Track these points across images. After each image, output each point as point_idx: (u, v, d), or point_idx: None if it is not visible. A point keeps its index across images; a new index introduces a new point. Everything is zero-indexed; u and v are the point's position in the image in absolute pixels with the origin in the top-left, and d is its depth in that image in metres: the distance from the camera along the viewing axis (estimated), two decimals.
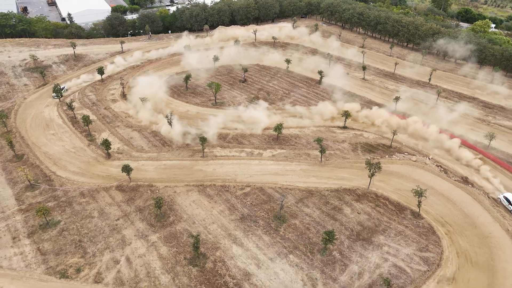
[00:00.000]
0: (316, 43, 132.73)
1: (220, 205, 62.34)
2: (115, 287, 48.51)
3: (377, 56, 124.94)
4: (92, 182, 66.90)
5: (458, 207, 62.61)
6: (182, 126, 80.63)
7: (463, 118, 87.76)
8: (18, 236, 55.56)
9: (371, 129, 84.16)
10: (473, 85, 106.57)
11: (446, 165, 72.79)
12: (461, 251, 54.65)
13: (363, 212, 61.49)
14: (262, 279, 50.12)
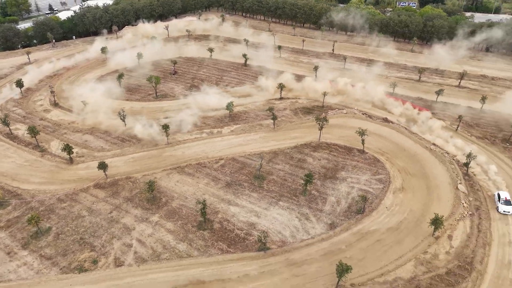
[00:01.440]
0: (229, 33, 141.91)
1: (204, 179, 67.86)
2: (139, 265, 51.30)
3: (284, 37, 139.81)
4: (65, 187, 65.55)
5: (388, 139, 79.02)
6: (139, 120, 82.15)
7: (368, 75, 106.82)
8: (12, 251, 53.17)
9: (302, 96, 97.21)
10: (368, 50, 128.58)
11: (370, 112, 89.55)
12: (401, 169, 70.40)
13: (322, 158, 73.56)
14: (265, 224, 58.13)
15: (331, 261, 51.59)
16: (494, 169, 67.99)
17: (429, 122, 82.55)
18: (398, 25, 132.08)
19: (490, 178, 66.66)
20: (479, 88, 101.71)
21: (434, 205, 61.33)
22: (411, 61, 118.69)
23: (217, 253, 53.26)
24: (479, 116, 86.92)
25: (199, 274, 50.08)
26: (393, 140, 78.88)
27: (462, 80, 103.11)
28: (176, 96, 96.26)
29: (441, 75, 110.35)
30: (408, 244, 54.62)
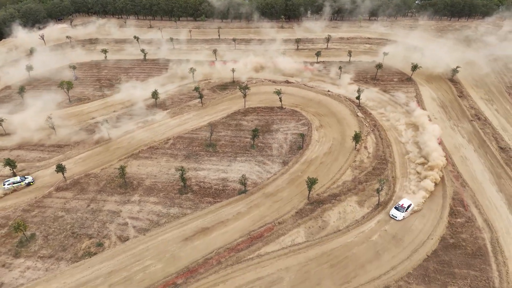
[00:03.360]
0: (114, 34, 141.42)
1: (162, 158, 73.67)
2: (144, 234, 56.15)
3: (170, 31, 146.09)
4: (23, 199, 63.15)
5: (295, 95, 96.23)
6: (67, 125, 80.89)
7: (258, 52, 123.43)
8: (6, 262, 51.46)
9: (213, 77, 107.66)
10: (249, 32, 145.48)
11: (273, 78, 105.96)
12: (314, 113, 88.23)
13: (253, 119, 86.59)
14: (233, 176, 68.43)
15: (295, 185, 65.82)
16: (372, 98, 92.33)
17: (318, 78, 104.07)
18: (265, 7, 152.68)
19: (372, 105, 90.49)
20: (341, 47, 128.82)
21: (347, 130, 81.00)
22: (286, 35, 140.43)
23: (208, 206, 61.71)
24: (349, 66, 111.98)
25: (201, 224, 58.08)
26: (299, 95, 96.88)
27: (328, 43, 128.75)
28: (92, 98, 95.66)
29: (311, 42, 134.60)
30: (341, 160, 72.42)
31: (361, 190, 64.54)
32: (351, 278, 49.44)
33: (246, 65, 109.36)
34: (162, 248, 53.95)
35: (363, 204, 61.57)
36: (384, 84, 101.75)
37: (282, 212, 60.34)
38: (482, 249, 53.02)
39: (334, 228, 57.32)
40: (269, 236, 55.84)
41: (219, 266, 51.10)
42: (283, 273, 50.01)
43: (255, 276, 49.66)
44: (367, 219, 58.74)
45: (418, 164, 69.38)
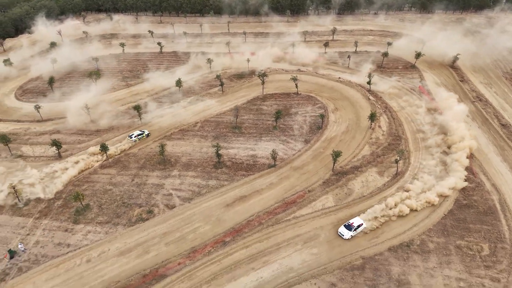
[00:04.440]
0: (128, 29, 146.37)
1: (194, 138, 79.56)
2: (189, 202, 62.04)
3: (181, 26, 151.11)
4: (70, 176, 68.59)
5: (309, 82, 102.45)
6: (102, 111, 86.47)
7: (269, 44, 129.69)
8: (68, 228, 56.99)
9: (230, 67, 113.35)
10: (257, 26, 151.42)
11: (286, 68, 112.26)
12: (328, 97, 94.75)
13: (272, 104, 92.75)
14: (261, 153, 74.62)
15: (319, 160, 72.24)
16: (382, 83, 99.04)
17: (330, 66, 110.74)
18: (272, 2, 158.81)
19: (383, 89, 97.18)
20: (346, 39, 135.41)
21: (360, 112, 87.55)
22: (292, 29, 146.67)
23: (242, 178, 67.81)
24: (356, 56, 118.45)
25: (239, 193, 64.21)
26: (312, 82, 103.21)
27: (334, 35, 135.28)
28: (117, 88, 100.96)
29: (317, 34, 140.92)
30: (358, 137, 78.92)
31: (380, 162, 71.15)
32: (379, 234, 55.90)
33: (261, 56, 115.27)
34: (207, 213, 59.96)
35: (383, 174, 68.14)
36: (390, 71, 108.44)
37: (310, 182, 66.67)
38: (492, 208, 59.89)
39: (359, 194, 63.83)
40: (302, 202, 62.16)
41: (261, 226, 57.28)
42: (318, 230, 56.33)
43: (294, 233, 55.91)
44: (387, 186, 65.32)
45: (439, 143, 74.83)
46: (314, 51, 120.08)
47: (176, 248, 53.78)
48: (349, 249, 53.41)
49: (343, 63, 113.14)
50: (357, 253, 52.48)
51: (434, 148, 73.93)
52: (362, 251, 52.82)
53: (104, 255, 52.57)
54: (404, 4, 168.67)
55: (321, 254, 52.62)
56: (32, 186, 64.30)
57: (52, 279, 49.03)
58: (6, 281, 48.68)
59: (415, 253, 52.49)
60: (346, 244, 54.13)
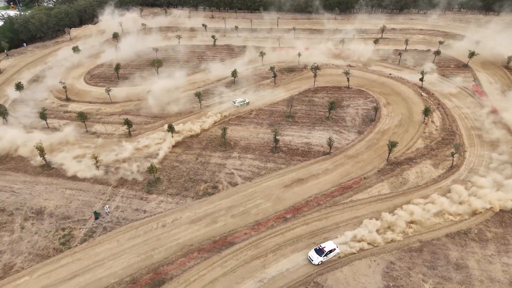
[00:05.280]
0: (183, 23, 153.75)
1: (250, 125, 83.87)
2: (250, 181, 66.25)
3: (232, 21, 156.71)
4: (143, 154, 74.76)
5: (359, 77, 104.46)
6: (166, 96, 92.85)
7: (318, 40, 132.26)
8: (143, 197, 62.75)
9: (280, 61, 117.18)
10: (305, 22, 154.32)
11: (335, 63, 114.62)
12: (380, 92, 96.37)
13: (324, 97, 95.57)
14: (315, 141, 77.73)
15: (373, 150, 74.39)
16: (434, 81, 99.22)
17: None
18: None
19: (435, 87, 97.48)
20: (395, 37, 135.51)
21: (413, 107, 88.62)
22: (340, 26, 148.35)
23: (298, 162, 71.28)
24: (406, 54, 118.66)
25: (296, 176, 67.71)
26: (363, 77, 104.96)
27: (382, 34, 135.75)
28: (176, 76, 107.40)
29: (365, 32, 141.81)
30: (412, 131, 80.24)
31: (434, 155, 72.38)
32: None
33: (312, 51, 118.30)
34: (268, 192, 63.89)
35: (438, 167, 69.41)
36: (442, 70, 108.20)
37: (365, 170, 69.08)
38: None
39: (414, 184, 65.57)
40: (357, 188, 64.75)
41: (319, 207, 60.48)
42: (375, 214, 58.77)
43: (351, 215, 58.70)
44: (443, 178, 66.63)
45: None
46: (363, 48, 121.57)
47: (241, 220, 58.04)
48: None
49: (393, 60, 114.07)
50: (415, 237, 54.53)
51: (503, 144, 73.77)
52: (420, 235, 54.78)
53: (177, 222, 57.67)
54: (455, 4, 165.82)
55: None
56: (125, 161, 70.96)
57: (134, 238, 54.59)
58: (94, 237, 54.75)
59: (473, 241, 53.87)
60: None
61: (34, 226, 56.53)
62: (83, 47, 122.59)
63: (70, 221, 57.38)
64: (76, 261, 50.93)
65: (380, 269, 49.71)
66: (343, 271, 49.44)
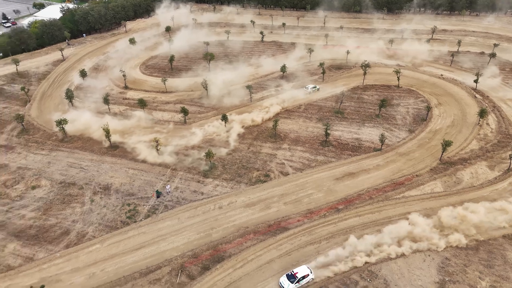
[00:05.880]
0: (232, 20, 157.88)
1: (299, 118, 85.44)
2: (301, 171, 67.92)
3: (279, 19, 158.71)
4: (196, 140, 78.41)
5: (409, 77, 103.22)
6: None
7: (368, 39, 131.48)
8: (199, 180, 66.04)
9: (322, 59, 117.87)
10: (353, 21, 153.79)
11: (383, 61, 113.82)
12: (431, 93, 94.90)
13: (373, 94, 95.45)
14: (365, 137, 78.15)
15: (425, 148, 73.91)
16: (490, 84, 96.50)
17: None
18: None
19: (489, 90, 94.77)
20: (446, 38, 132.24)
21: (466, 108, 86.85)
22: (388, 26, 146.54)
23: (349, 157, 72.13)
24: (459, 55, 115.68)
25: (347, 169, 68.67)
26: (413, 77, 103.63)
27: (433, 34, 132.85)
28: (225, 69, 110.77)
29: (414, 33, 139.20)
30: (465, 132, 78.85)
31: (490, 157, 70.94)
32: None
33: (360, 49, 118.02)
34: (319, 183, 65.30)
35: (493, 168, 68.05)
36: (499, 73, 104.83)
37: (417, 168, 68.87)
38: None
39: (469, 184, 64.74)
40: (410, 184, 64.79)
41: (371, 200, 61.21)
42: (428, 211, 58.72)
43: (404, 210, 58.99)
44: (499, 180, 65.32)
45: None
46: (416, 48, 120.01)
47: (294, 208, 59.86)
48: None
49: (445, 62, 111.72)
50: (471, 236, 54.05)
51: None
52: (476, 235, 54.25)
53: (232, 205, 60.36)
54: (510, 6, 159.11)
55: None
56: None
57: (193, 217, 57.80)
58: (157, 214, 58.46)
59: None
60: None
61: (102, 200, 61.14)
62: (138, 39, 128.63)
63: (134, 198, 61.53)
64: (142, 234, 54.74)
65: (435, 263, 49.93)
66: (397, 263, 50.09)
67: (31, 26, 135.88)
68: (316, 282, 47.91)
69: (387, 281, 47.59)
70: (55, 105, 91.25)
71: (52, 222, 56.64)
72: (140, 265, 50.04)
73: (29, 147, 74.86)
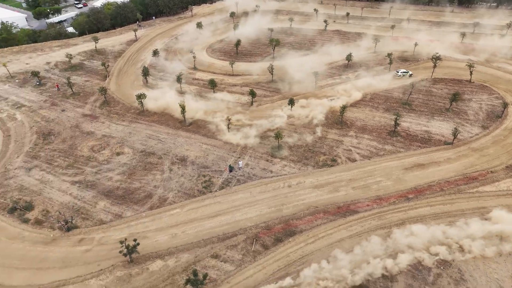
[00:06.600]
0: (295, 8, 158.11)
1: (365, 108, 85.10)
2: (369, 159, 68.21)
3: (341, 8, 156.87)
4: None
5: (482, 72, 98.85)
6: None
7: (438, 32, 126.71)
8: (268, 159, 68.54)
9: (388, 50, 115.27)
10: (416, 13, 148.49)
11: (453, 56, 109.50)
12: (505, 90, 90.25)
13: (442, 88, 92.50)
14: (435, 130, 76.49)
15: (500, 146, 71.25)
16: None
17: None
18: None
19: None
20: None
21: None
22: (458, 20, 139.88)
23: (418, 148, 71.22)
24: None
25: (416, 160, 67.99)
26: (486, 73, 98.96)
27: (508, 29, 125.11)
28: (288, 56, 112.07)
29: (487, 28, 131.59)
30: None
31: None
32: None
33: (428, 41, 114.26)
34: (388, 171, 65.35)
35: None
36: None
37: (491, 164, 66.71)
38: None
39: None
40: (483, 180, 63.06)
41: (443, 192, 60.46)
42: (506, 208, 57.02)
43: (479, 205, 57.79)
44: None
45: None
46: (491, 44, 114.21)
47: (363, 193, 60.62)
48: None
49: None
50: None
51: None
52: None
53: (301, 185, 62.26)
54: None
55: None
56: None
57: (264, 192, 60.44)
58: (231, 186, 61.76)
59: None
60: None
61: (180, 170, 65.42)
62: (204, 24, 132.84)
63: (208, 170, 65.22)
64: (217, 203, 58.23)
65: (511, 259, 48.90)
66: (471, 253, 49.56)
67: (104, 7, 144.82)
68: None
69: (461, 271, 47.41)
70: (131, 81, 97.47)
71: (136, 186, 61.70)
72: (217, 231, 53.49)
73: (111, 117, 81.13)
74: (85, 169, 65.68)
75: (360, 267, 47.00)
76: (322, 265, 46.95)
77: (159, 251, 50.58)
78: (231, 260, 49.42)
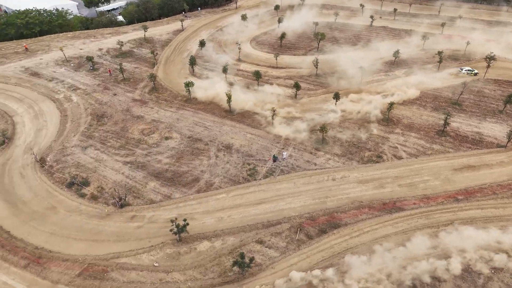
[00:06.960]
0: (341, 2, 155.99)
1: (412, 105, 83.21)
2: (417, 157, 66.80)
3: (387, 4, 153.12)
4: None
5: None
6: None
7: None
8: (311, 151, 68.80)
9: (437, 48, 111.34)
10: (468, 11, 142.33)
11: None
12: None
13: (495, 89, 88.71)
14: (487, 132, 73.69)
15: None
16: None
17: None
18: None
19: None
20: None
21: None
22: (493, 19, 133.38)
23: (468, 150, 68.93)
24: None
25: (466, 161, 65.91)
26: None
27: None
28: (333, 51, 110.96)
29: None
30: None
31: None
32: None
33: (481, 41, 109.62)
34: (435, 171, 63.81)
35: None
36: None
37: None
38: None
39: None
40: None
41: (495, 195, 58.39)
42: None
43: None
44: None
45: None
46: None
47: (409, 191, 59.62)
48: None
49: None
50: None
51: None
52: None
53: (345, 179, 62.08)
54: None
55: None
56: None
57: (308, 184, 60.84)
58: (275, 176, 62.60)
59: None
60: None
61: (225, 157, 66.96)
62: (248, 16, 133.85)
63: (253, 159, 66.33)
64: (262, 191, 59.26)
65: None
66: None
67: None
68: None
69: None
70: (177, 70, 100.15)
71: (184, 169, 63.83)
72: (261, 217, 54.51)
73: (159, 103, 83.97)
74: (136, 150, 68.63)
75: (410, 265, 46.48)
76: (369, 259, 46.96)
77: (206, 232, 52.28)
78: (276, 247, 50.30)
